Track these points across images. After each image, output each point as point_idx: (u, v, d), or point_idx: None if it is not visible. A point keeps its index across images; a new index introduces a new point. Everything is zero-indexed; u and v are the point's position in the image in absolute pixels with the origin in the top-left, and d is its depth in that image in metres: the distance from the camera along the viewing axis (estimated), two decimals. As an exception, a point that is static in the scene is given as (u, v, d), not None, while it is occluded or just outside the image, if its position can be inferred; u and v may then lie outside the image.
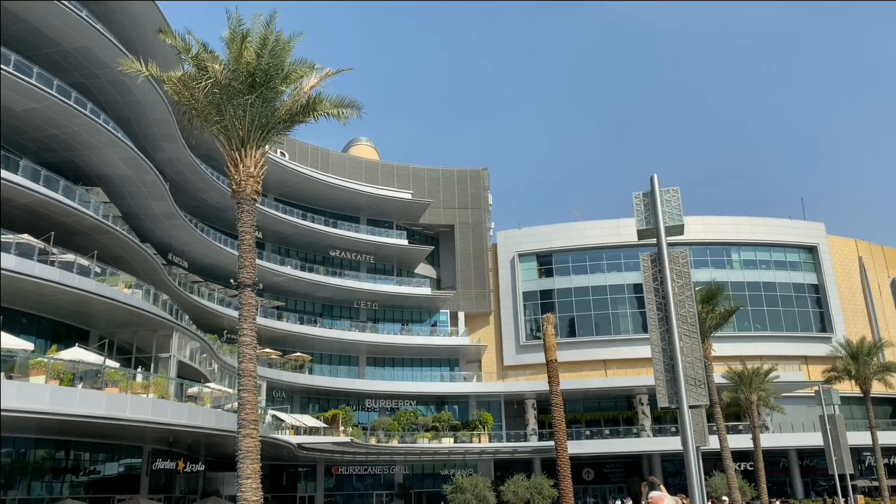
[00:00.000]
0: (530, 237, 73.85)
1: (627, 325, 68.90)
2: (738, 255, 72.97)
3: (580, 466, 61.55)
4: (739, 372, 47.56)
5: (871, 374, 51.13)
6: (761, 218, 74.98)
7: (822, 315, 72.75)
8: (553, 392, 33.47)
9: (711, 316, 38.92)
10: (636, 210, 11.43)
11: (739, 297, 65.71)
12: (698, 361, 10.14)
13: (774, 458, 61.29)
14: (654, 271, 10.83)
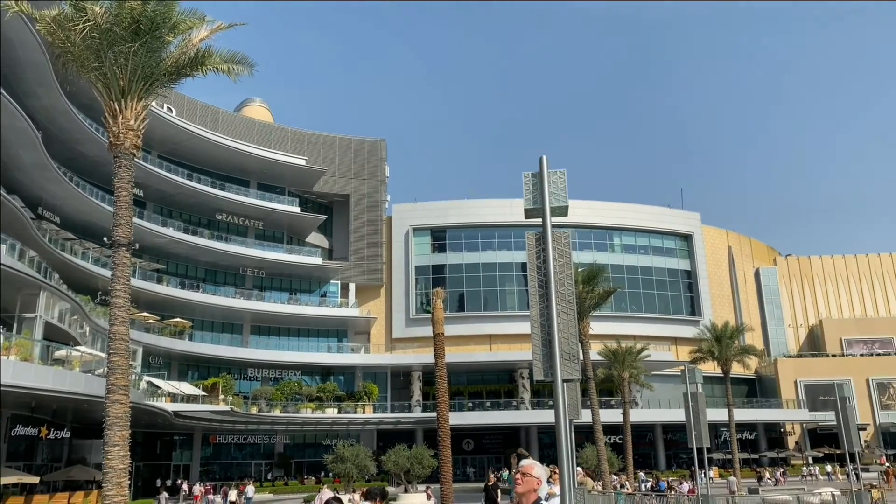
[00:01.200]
0: (425, 212, 74.17)
1: (514, 302, 70.80)
2: (620, 239, 76.39)
3: (461, 437, 63.10)
4: (614, 350, 49.97)
5: (731, 355, 55.10)
6: (643, 205, 78.74)
7: (693, 300, 77.61)
8: (438, 365, 33.97)
9: (591, 296, 40.56)
10: (525, 189, 11.64)
11: (619, 280, 68.91)
12: (573, 338, 10.54)
13: (642, 432, 65.11)
14: (538, 250, 11.11)
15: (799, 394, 74.49)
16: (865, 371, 76.42)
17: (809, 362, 78.50)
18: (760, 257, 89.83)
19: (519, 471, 5.26)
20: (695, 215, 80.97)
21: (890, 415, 74.89)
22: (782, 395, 74.54)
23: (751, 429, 70.77)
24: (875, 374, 76.26)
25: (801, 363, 78.33)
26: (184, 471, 57.09)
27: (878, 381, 75.94)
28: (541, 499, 5.14)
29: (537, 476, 5.15)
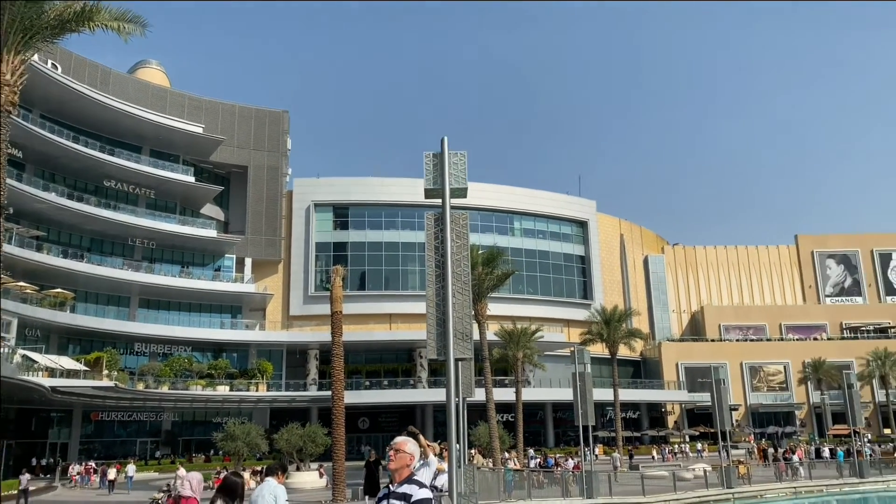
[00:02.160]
0: (328, 187, 72.99)
1: (416, 282, 71.04)
2: (520, 223, 78.05)
3: (357, 416, 63.01)
4: (510, 331, 51.17)
5: (619, 338, 57.70)
6: (543, 191, 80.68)
7: (586, 284, 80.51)
8: (335, 343, 33.68)
9: (490, 278, 41.30)
10: (426, 169, 11.67)
11: (517, 263, 70.39)
12: (468, 318, 10.69)
13: (533, 410, 67.19)
14: (437, 230, 11.17)
15: (680, 376, 78.94)
16: (740, 355, 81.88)
17: (690, 346, 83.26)
18: (650, 245, 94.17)
19: (392, 448, 5.39)
20: (591, 203, 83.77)
21: (759, 396, 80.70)
22: (664, 377, 78.81)
23: (634, 408, 74.46)
24: (748, 359, 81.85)
25: (682, 347, 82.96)
26: (61, 449, 54.20)
27: (750, 365, 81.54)
28: (414, 473, 5.29)
29: (410, 452, 5.29)
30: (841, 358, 77.31)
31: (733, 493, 34.18)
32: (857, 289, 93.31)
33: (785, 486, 37.62)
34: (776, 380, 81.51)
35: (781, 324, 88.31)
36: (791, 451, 46.97)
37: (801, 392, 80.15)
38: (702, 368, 76.19)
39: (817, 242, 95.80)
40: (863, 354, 76.30)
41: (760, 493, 35.91)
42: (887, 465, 43.94)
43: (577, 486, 29.66)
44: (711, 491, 33.99)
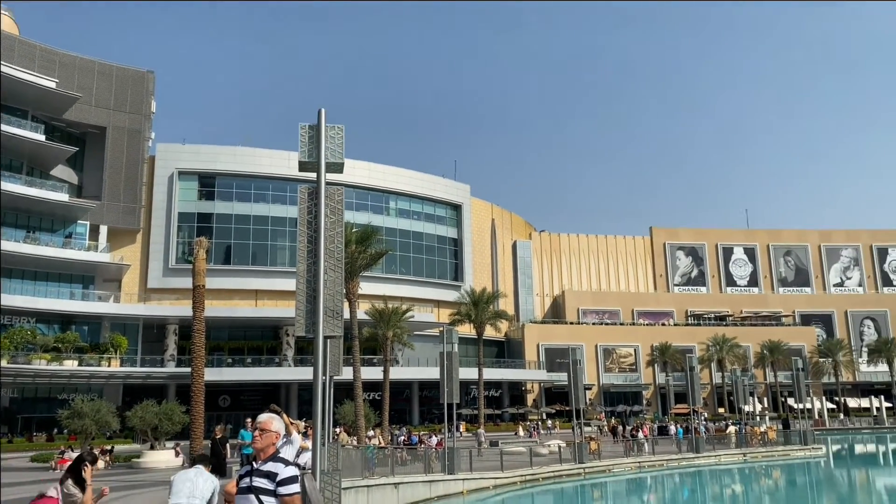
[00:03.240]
0: (194, 155, 69.49)
1: (285, 258, 69.40)
2: (396, 203, 78.10)
3: (218, 394, 61.01)
4: (381, 310, 51.30)
5: (486, 319, 59.35)
6: (420, 173, 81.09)
7: (457, 266, 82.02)
8: (197, 318, 32.39)
9: (363, 256, 41.14)
10: (301, 141, 11.33)
11: (391, 243, 70.46)
12: (339, 295, 10.55)
13: (400, 388, 67.85)
14: (310, 205, 10.91)
15: (540, 356, 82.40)
16: (595, 338, 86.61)
17: (551, 328, 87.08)
18: (519, 231, 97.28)
19: (257, 427, 5.32)
20: (465, 187, 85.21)
21: (611, 376, 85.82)
22: (526, 357, 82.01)
23: (497, 387, 77.00)
24: (603, 341, 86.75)
25: (544, 328, 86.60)
26: None
27: (604, 347, 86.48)
28: (278, 451, 5.29)
29: (276, 430, 5.29)
30: (685, 342, 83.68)
31: (584, 468, 36.26)
32: (702, 279, 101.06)
33: (631, 460, 40.35)
34: (627, 361, 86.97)
35: (634, 309, 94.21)
36: (637, 429, 50.37)
37: (648, 373, 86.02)
38: (561, 349, 79.83)
39: (669, 235, 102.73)
40: (704, 340, 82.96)
41: (609, 467, 38.31)
42: (719, 441, 48.21)
43: (439, 462, 30.31)
44: (565, 465, 35.89)
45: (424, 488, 28.30)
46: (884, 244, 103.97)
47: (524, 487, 32.44)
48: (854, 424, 77.54)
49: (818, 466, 45.59)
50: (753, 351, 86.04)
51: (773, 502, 33.50)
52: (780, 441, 50.21)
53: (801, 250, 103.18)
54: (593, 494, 34.27)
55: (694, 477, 39.70)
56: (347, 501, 20.77)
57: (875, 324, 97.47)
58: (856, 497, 35.53)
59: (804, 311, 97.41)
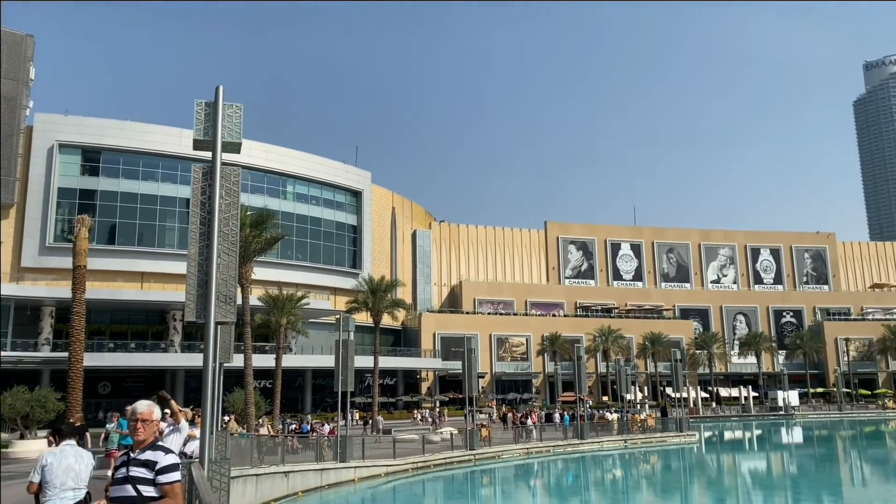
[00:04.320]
0: (78, 127, 65.26)
1: (174, 239, 66.57)
2: (293, 187, 76.47)
3: (97, 380, 57.86)
4: (275, 296, 50.19)
5: (383, 307, 59.25)
6: (319, 157, 79.72)
7: (356, 253, 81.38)
8: (76, 300, 30.63)
9: (258, 240, 40.07)
10: (196, 119, 10.92)
11: (288, 227, 69.01)
12: (232, 280, 10.26)
13: (293, 376, 66.75)
14: (205, 185, 10.54)
15: (436, 345, 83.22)
16: (490, 327, 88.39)
17: (447, 317, 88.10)
18: (419, 220, 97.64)
19: (137, 419, 5.17)
20: (366, 174, 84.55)
21: (503, 365, 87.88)
22: (422, 346, 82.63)
23: (392, 375, 77.16)
24: (497, 331, 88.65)
25: (440, 318, 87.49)
26: None
27: (498, 336, 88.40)
28: (159, 439, 5.29)
29: (157, 419, 5.25)
30: (573, 333, 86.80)
31: (475, 454, 37.04)
32: (591, 273, 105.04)
33: (519, 447, 41.56)
34: (519, 351, 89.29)
35: (527, 300, 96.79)
36: (526, 416, 51.90)
37: (538, 362, 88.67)
38: (456, 338, 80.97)
39: (562, 229, 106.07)
40: (591, 331, 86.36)
41: (499, 453, 39.31)
42: (602, 427, 50.45)
43: (331, 450, 30.12)
44: (456, 452, 36.52)
45: (315, 476, 28.06)
46: (756, 245, 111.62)
47: (416, 474, 32.77)
48: (725, 412, 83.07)
49: (691, 452, 48.56)
50: (636, 342, 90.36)
51: (650, 486, 35.42)
52: (659, 428, 53.13)
53: (682, 248, 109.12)
54: (482, 480, 35.07)
55: (578, 462, 41.38)
56: (236, 491, 20.29)
57: (746, 319, 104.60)
58: (723, 479, 38.13)
59: (683, 305, 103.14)
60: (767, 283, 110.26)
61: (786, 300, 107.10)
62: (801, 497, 31.55)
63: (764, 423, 75.59)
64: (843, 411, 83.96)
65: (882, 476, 38.89)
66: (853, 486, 35.66)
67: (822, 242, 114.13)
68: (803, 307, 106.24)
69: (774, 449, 56.82)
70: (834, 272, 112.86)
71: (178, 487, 4.93)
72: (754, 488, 34.94)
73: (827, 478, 38.04)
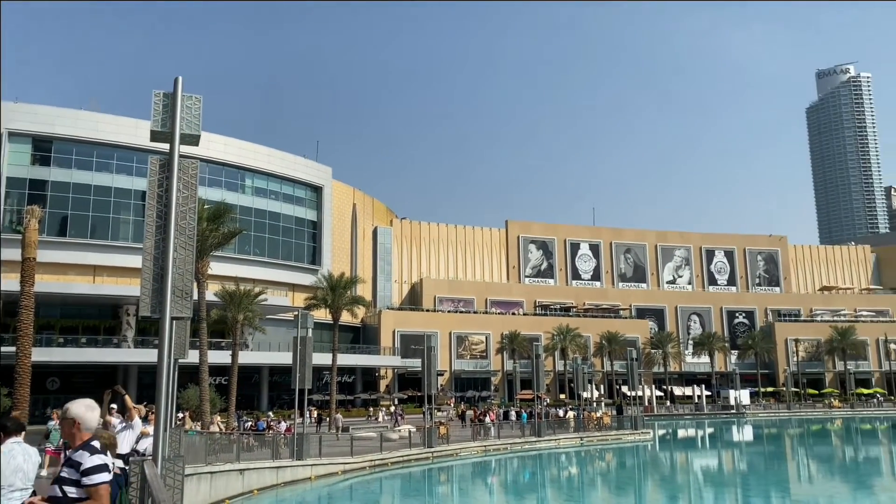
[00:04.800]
0: (29, 116, 63.30)
1: (128, 233, 65.11)
2: (252, 181, 75.44)
3: (46, 375, 56.29)
4: (232, 292, 49.46)
5: (343, 304, 58.82)
6: (280, 151, 78.78)
7: (315, 249, 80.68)
8: (25, 294, 29.74)
9: (215, 234, 39.46)
10: (154, 110, 10.67)
11: (246, 222, 68.18)
12: (189, 274, 10.06)
13: (249, 373, 65.89)
14: (162, 177, 10.31)
15: (396, 342, 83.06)
16: (450, 325, 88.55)
17: (407, 315, 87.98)
18: (380, 217, 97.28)
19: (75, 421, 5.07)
20: (327, 169, 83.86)
21: (463, 363, 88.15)
22: (382, 343, 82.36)
23: (350, 372, 76.77)
24: (457, 329, 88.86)
25: (400, 315, 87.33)
26: None
27: (458, 334, 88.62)
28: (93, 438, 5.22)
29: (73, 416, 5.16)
30: (532, 331, 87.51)
31: (433, 452, 37.08)
32: (550, 272, 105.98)
33: (477, 444, 41.75)
34: (478, 349, 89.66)
35: (487, 298, 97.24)
36: (485, 414, 52.15)
37: (497, 360, 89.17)
38: (416, 336, 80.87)
39: (523, 228, 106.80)
40: (550, 329, 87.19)
41: (457, 451, 39.43)
42: (559, 425, 50.98)
43: (288, 448, 29.82)
44: (414, 450, 36.52)
45: (271, 474, 27.77)
46: (711, 246, 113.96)
47: (373, 472, 32.67)
48: (678, 411, 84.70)
49: (646, 450, 49.39)
50: (593, 341, 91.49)
51: (605, 483, 35.92)
52: (614, 426, 53.91)
53: (639, 249, 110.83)
54: (440, 478, 35.13)
55: (535, 460, 41.74)
56: (190, 489, 19.94)
57: (700, 319, 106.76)
58: (676, 476, 38.87)
59: (640, 305, 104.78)
60: (721, 285, 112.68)
61: (739, 301, 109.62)
62: (749, 493, 32.34)
63: (716, 422, 77.29)
64: (791, 410, 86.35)
65: (827, 473, 40.10)
66: (799, 482, 36.70)
67: (774, 245, 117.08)
68: (755, 308, 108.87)
69: (725, 447, 58.15)
70: (785, 274, 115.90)
71: (103, 490, 4.75)
72: (706, 485, 35.70)
73: (775, 475, 39.07)
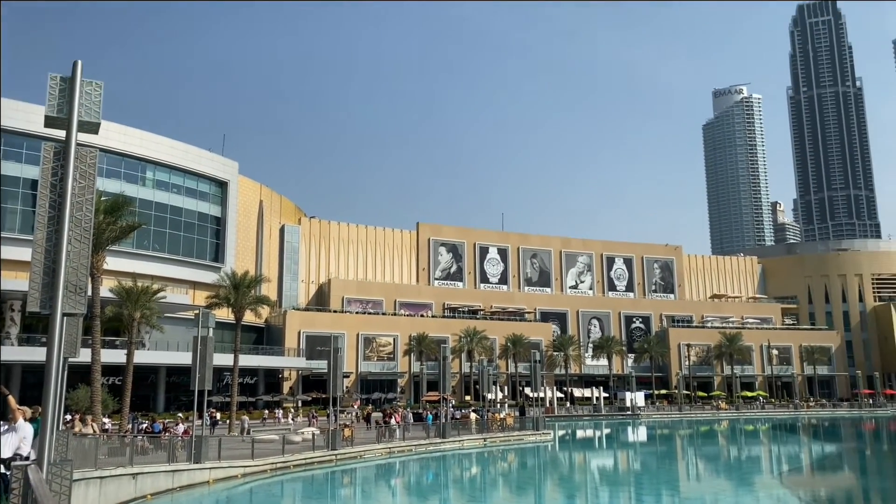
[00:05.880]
0: None
1: (15, 223, 61.17)
2: (154, 174, 72.45)
3: (-85, 375, 52.01)
4: (129, 288, 47.34)
5: (246, 304, 57.31)
6: (184, 144, 76.01)
7: (219, 246, 78.28)
8: None
9: (112, 228, 37.69)
10: (50, 94, 10.13)
11: (146, 216, 65.46)
12: (83, 269, 9.61)
13: (145, 373, 63.19)
14: (56, 165, 9.81)
15: (301, 343, 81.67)
16: (357, 326, 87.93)
17: (314, 315, 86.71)
18: (288, 215, 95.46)
19: None
20: (233, 164, 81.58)
21: (370, 364, 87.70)
22: (286, 344, 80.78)
23: (252, 374, 74.89)
24: (365, 330, 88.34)
25: (306, 316, 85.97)
26: None
27: (365, 336, 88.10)
28: None
29: None
30: (440, 333, 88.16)
31: (336, 455, 36.73)
32: (459, 275, 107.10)
33: (382, 446, 41.64)
34: (386, 350, 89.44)
35: (396, 300, 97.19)
36: (390, 415, 52.07)
37: (405, 362, 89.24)
38: (322, 337, 79.84)
39: (434, 231, 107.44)
40: (457, 332, 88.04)
41: (361, 453, 39.20)
42: (464, 426, 51.56)
43: (185, 451, 28.81)
44: (317, 453, 36.05)
45: (167, 478, 26.75)
46: (612, 254, 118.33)
47: (274, 475, 32.02)
48: (578, 412, 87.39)
49: (546, 450, 50.68)
50: (499, 343, 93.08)
51: (506, 483, 36.61)
52: (517, 427, 55.05)
53: (545, 254, 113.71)
54: (343, 480, 34.82)
55: (439, 461, 42.04)
56: (78, 495, 18.96)
57: (600, 323, 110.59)
58: (574, 475, 40.10)
59: (544, 308, 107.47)
60: (620, 291, 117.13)
61: (636, 307, 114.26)
62: (642, 491, 33.77)
63: (613, 423, 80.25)
64: (682, 412, 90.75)
65: (713, 472, 42.39)
66: (688, 480, 38.63)
67: (670, 254, 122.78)
68: (651, 314, 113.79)
69: (621, 447, 60.44)
70: (680, 282, 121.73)
71: None
72: (601, 484, 37.00)
73: (665, 473, 40.95)
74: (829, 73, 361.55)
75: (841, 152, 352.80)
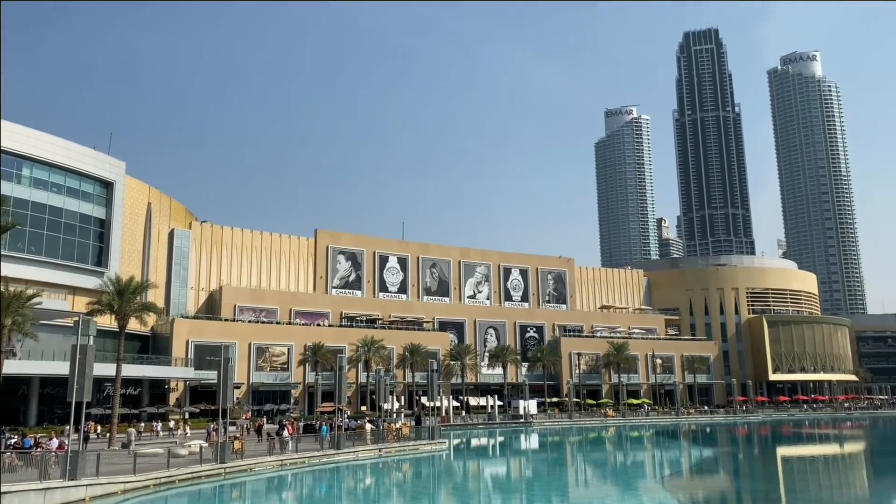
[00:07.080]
0: None
1: None
2: (31, 171, 67.82)
3: None
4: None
5: (131, 311, 54.48)
6: (65, 140, 71.59)
7: (101, 250, 74.07)
8: None
9: (-19, 229, 34.92)
10: None
11: (21, 216, 61.34)
12: (-55, 273, 8.82)
13: (16, 385, 58.86)
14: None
15: (189, 353, 78.45)
16: (250, 336, 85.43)
17: (203, 324, 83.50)
18: (178, 219, 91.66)
19: None
20: (120, 164, 77.56)
21: (262, 375, 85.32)
22: (174, 354, 77.34)
23: (136, 384, 71.22)
24: (257, 339, 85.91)
25: (195, 324, 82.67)
26: None
27: (258, 346, 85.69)
28: None
29: None
30: (337, 343, 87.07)
31: (225, 468, 35.47)
32: (358, 283, 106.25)
33: (273, 459, 40.58)
34: (279, 360, 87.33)
35: (292, 309, 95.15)
36: (282, 427, 50.84)
37: (299, 372, 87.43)
38: (212, 346, 77.18)
39: (332, 238, 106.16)
40: (355, 341, 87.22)
41: (251, 466, 38.03)
42: (359, 437, 51.04)
43: (59, 467, 27.01)
44: (205, 466, 34.70)
45: (38, 497, 25.00)
46: (509, 265, 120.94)
47: (158, 491, 30.57)
48: (473, 420, 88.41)
49: (441, 459, 50.94)
50: (397, 353, 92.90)
51: (400, 493, 36.50)
52: (413, 437, 55.04)
53: (444, 264, 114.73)
54: (231, 495, 33.68)
55: (332, 473, 41.40)
56: (-70, 519, 17.36)
57: (496, 332, 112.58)
58: (467, 483, 40.50)
59: (442, 318, 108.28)
60: (516, 301, 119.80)
61: (530, 317, 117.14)
62: (533, 498, 34.55)
63: (506, 430, 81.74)
64: (573, 419, 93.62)
65: (600, 476, 43.96)
66: (577, 485, 39.85)
67: (563, 266, 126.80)
68: (545, 324, 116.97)
69: (513, 454, 61.65)
70: (572, 293, 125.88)
71: None
72: (494, 491, 37.56)
73: (556, 479, 42.10)
74: (711, 99, 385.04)
75: (721, 173, 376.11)
